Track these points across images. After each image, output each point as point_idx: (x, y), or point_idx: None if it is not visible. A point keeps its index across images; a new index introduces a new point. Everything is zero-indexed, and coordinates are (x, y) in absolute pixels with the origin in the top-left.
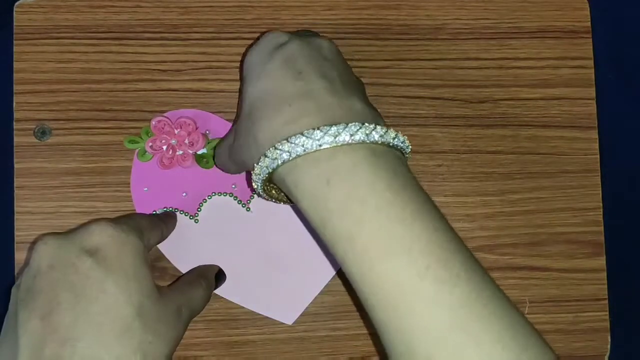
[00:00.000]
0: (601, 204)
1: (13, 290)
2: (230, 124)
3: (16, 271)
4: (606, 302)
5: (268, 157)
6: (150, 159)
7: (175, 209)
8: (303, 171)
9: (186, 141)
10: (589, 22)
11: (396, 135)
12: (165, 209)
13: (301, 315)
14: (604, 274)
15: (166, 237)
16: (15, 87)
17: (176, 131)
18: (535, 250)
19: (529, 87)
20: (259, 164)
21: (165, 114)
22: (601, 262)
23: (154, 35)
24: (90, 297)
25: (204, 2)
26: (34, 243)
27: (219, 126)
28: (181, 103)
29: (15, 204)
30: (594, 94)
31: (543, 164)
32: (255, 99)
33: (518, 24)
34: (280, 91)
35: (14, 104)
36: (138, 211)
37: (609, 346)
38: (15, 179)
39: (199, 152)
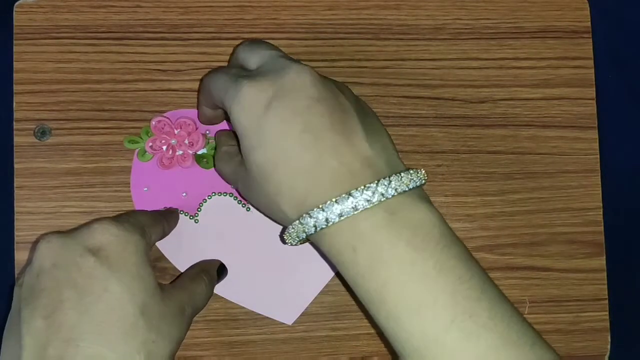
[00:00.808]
0: (601, 204)
1: (16, 289)
2: (229, 124)
3: (16, 271)
4: (606, 302)
5: (294, 229)
6: (150, 159)
7: (175, 208)
8: (331, 238)
9: (186, 141)
10: (589, 22)
11: (411, 179)
12: (165, 209)
13: (301, 315)
14: (604, 274)
15: (168, 234)
16: (15, 87)
17: (176, 131)
18: (535, 250)
19: (529, 87)
20: (289, 232)
21: (165, 114)
22: (601, 262)
23: (154, 35)
24: (94, 296)
25: (204, 2)
26: (36, 242)
27: (219, 126)
28: (181, 103)
29: (15, 204)
30: (594, 94)
31: (543, 164)
32: (263, 164)
33: (518, 24)
34: (288, 161)
35: (14, 104)
36: None
37: (609, 346)
38: (15, 179)
39: (199, 152)
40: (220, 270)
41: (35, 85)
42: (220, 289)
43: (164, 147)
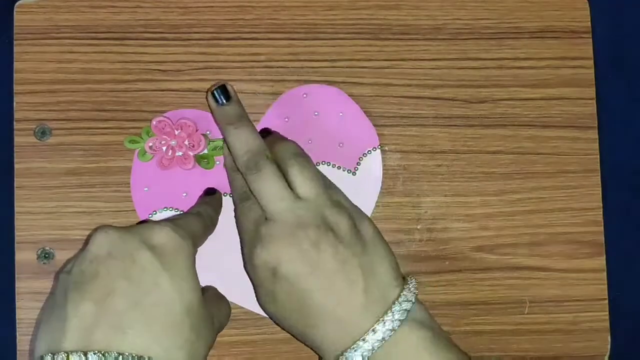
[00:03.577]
0: (601, 204)
1: (62, 275)
2: None
3: (16, 271)
4: (606, 302)
5: None
6: (150, 159)
7: (176, 208)
8: None
9: (186, 142)
10: (589, 22)
11: (411, 302)
12: (165, 209)
13: None
14: (604, 274)
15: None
16: (15, 87)
17: (176, 132)
18: (535, 250)
19: (529, 87)
20: None
21: (166, 114)
22: (601, 262)
23: (154, 35)
24: (145, 289)
25: (204, 2)
26: (92, 233)
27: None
28: (181, 103)
29: (15, 204)
30: (594, 94)
31: (543, 164)
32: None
33: (518, 24)
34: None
35: (14, 104)
36: (138, 212)
37: (609, 346)
38: (15, 179)
39: (200, 153)
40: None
41: (35, 85)
42: (220, 289)
43: (164, 148)
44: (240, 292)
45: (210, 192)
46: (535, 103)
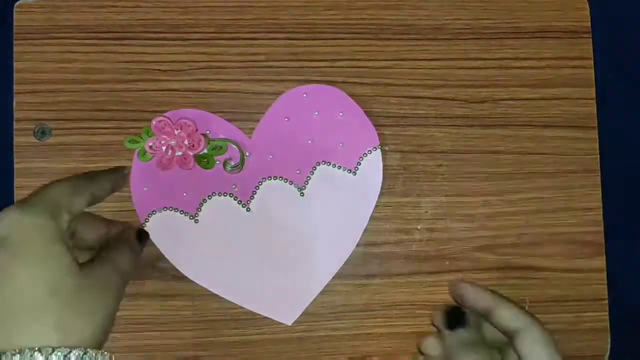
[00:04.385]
0: (601, 204)
1: None
2: (231, 125)
3: None
4: (606, 302)
5: None
6: (150, 159)
7: (175, 208)
8: None
9: (186, 142)
10: (589, 22)
11: None
12: (165, 209)
13: (301, 315)
14: (604, 274)
15: (106, 196)
16: (15, 87)
17: (176, 132)
18: (535, 250)
19: (529, 87)
20: None
21: (165, 114)
22: (601, 262)
23: (154, 35)
24: (3, 283)
25: (204, 2)
26: None
27: (220, 126)
28: (181, 103)
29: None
30: (594, 94)
31: (543, 164)
32: None
33: (518, 24)
34: None
35: (14, 104)
36: (138, 212)
37: (609, 346)
38: (15, 179)
39: (200, 153)
40: (140, 235)
41: (35, 85)
42: (220, 288)
43: (163, 148)
44: (239, 293)
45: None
46: (535, 103)
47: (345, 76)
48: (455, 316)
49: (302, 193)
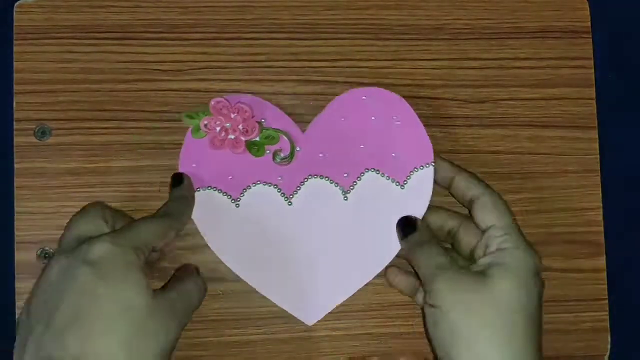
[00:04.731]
0: (601, 204)
1: (25, 304)
2: (287, 117)
3: (16, 271)
4: (606, 302)
5: None
6: (202, 137)
7: (220, 189)
8: None
9: (240, 127)
10: (589, 22)
11: None
12: (209, 188)
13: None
14: (604, 274)
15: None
16: (15, 87)
17: (232, 115)
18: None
19: (529, 87)
20: None
21: (225, 97)
22: (601, 262)
23: (154, 35)
24: (84, 301)
25: (204, 2)
26: (50, 260)
27: (275, 117)
28: (181, 103)
29: (15, 204)
30: (594, 94)
31: (543, 164)
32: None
33: (518, 24)
34: None
35: (14, 104)
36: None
37: (609, 346)
38: (15, 179)
39: (252, 139)
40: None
41: (35, 85)
42: (247, 276)
43: (217, 129)
44: (267, 284)
45: (177, 180)
46: (535, 103)
47: (345, 76)
48: (406, 223)
49: (346, 197)
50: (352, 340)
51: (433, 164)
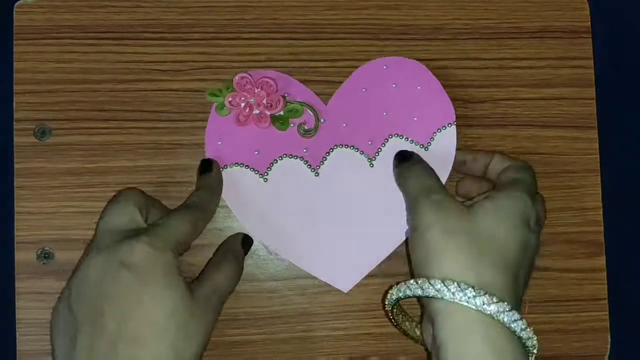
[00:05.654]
0: (601, 204)
1: (61, 307)
2: (309, 90)
3: (16, 271)
4: (606, 302)
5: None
6: (227, 114)
7: (247, 165)
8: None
9: (264, 101)
10: (589, 22)
11: (526, 327)
12: (236, 165)
13: (302, 314)
14: (604, 274)
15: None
16: (15, 87)
17: (256, 90)
18: None
19: (529, 87)
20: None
21: (249, 72)
22: (601, 262)
23: (154, 35)
24: (130, 306)
25: (204, 2)
26: (84, 256)
27: (298, 90)
28: (181, 104)
29: (15, 204)
30: (594, 94)
31: (543, 164)
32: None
33: (518, 24)
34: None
35: (14, 104)
36: None
37: (609, 346)
38: (15, 179)
39: (277, 114)
40: (244, 241)
41: (35, 85)
42: (282, 249)
43: (242, 105)
44: (301, 255)
45: (206, 168)
46: (535, 103)
47: (345, 76)
48: (403, 155)
49: (372, 164)
50: (352, 340)
51: (455, 123)
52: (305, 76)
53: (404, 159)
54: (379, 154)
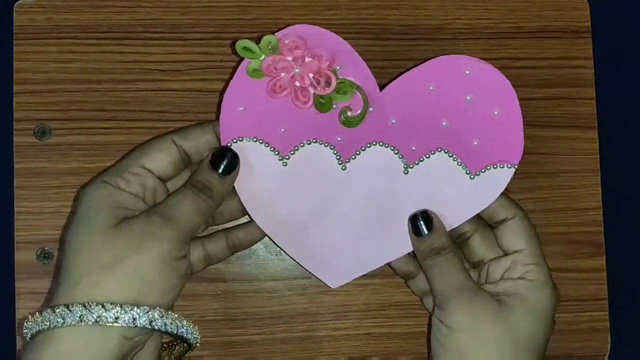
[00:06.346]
0: (601, 204)
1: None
2: (368, 70)
3: (16, 271)
4: (606, 302)
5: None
6: (261, 78)
7: (267, 143)
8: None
9: (311, 75)
10: (589, 22)
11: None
12: (254, 140)
13: (301, 314)
14: (604, 274)
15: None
16: (15, 87)
17: (307, 59)
18: None
19: (529, 87)
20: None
21: (299, 29)
22: (601, 262)
23: (155, 35)
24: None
25: (204, 2)
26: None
27: (354, 66)
28: (181, 103)
29: (15, 204)
30: (594, 94)
31: (542, 164)
32: None
33: (518, 24)
34: None
35: (14, 104)
36: (222, 133)
37: (609, 346)
38: (15, 179)
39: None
40: (217, 158)
41: (35, 85)
42: (279, 235)
43: (283, 74)
44: (297, 244)
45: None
46: (536, 103)
47: None
48: (422, 218)
49: (407, 171)
50: (352, 340)
51: (516, 167)
52: None
53: (422, 225)
54: (419, 163)
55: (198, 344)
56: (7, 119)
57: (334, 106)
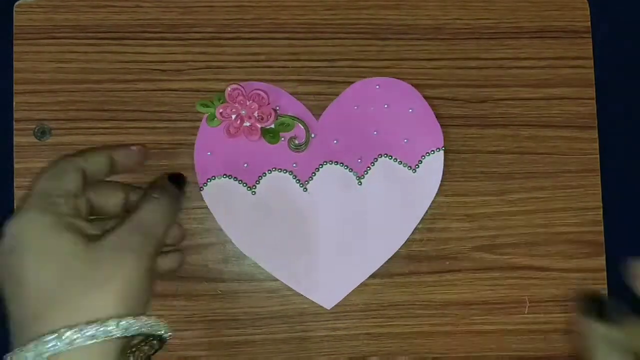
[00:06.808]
0: (601, 204)
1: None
2: (301, 104)
3: None
4: None
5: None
6: (218, 125)
7: (235, 177)
8: None
9: (255, 114)
10: (589, 22)
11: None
12: (224, 177)
13: (301, 314)
14: (604, 274)
15: (122, 168)
16: (15, 87)
17: (248, 102)
18: (535, 250)
19: (529, 87)
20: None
21: (240, 84)
22: (601, 262)
23: (154, 35)
24: (18, 287)
25: (204, 2)
26: None
27: (290, 104)
28: (181, 103)
29: (15, 204)
30: (594, 94)
31: (543, 164)
32: None
33: (518, 24)
34: None
35: (14, 104)
36: (199, 176)
37: None
38: (15, 179)
39: (267, 127)
40: (175, 179)
41: (35, 85)
42: (265, 263)
43: (233, 116)
44: (285, 269)
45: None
46: (535, 103)
47: (345, 76)
48: (593, 303)
49: (360, 182)
50: (352, 340)
51: (443, 149)
52: (305, 76)
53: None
54: (367, 172)
55: (171, 337)
56: (7, 119)
57: (282, 138)
